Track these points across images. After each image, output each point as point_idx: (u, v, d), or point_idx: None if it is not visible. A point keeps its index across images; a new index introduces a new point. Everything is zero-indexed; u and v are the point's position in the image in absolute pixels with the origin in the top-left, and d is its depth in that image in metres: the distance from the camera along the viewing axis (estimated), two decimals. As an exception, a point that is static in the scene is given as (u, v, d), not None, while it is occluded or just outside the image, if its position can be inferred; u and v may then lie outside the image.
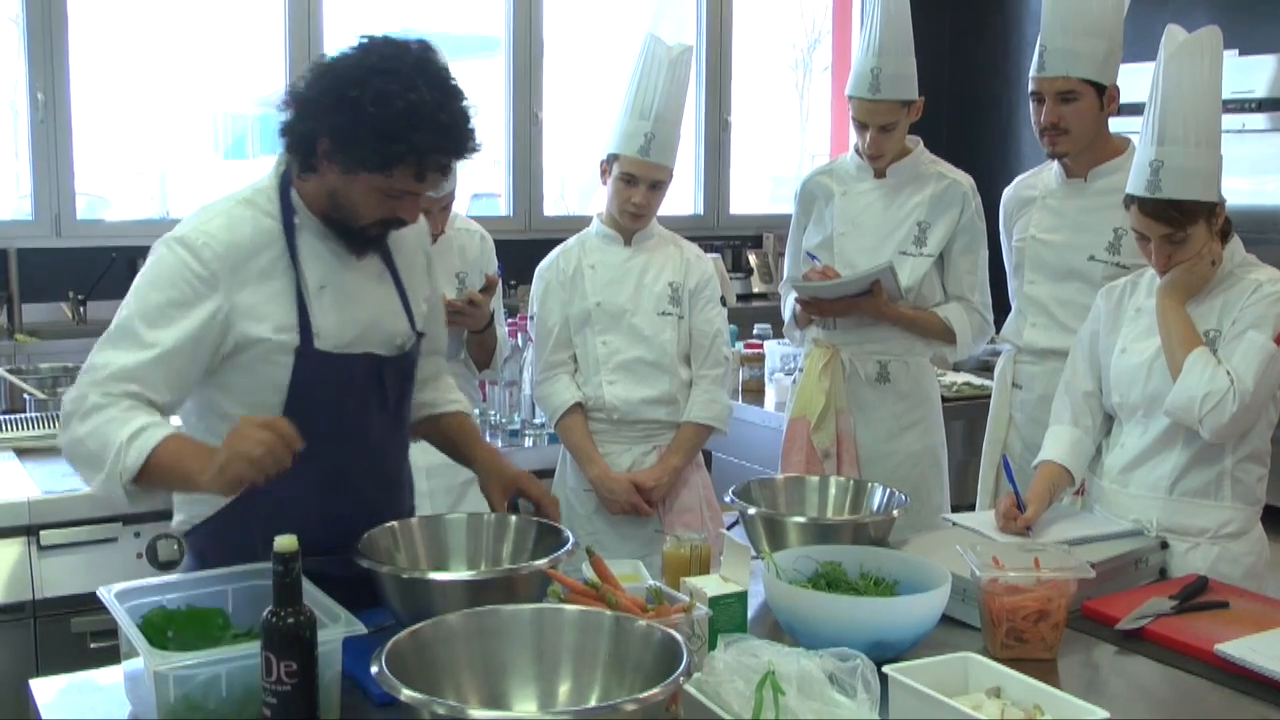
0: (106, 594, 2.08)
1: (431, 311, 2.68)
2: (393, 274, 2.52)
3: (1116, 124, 3.50)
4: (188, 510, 2.47)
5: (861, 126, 3.62)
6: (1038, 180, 3.63)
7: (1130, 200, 2.80)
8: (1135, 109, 2.90)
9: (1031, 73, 3.44)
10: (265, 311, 2.32)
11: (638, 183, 3.38)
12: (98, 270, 5.84)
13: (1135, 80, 3.47)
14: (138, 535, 3.13)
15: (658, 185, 3.42)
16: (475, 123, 2.33)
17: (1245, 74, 6.25)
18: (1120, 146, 3.45)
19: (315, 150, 2.29)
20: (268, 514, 2.19)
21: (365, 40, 2.31)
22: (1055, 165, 3.54)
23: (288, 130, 2.34)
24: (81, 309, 5.85)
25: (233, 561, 2.20)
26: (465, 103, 2.30)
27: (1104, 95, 3.39)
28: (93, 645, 2.99)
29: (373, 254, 2.45)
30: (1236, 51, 6.16)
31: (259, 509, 2.27)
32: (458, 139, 2.28)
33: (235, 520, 2.37)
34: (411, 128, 2.20)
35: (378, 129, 2.20)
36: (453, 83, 2.30)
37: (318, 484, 2.35)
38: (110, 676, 2.16)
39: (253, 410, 2.27)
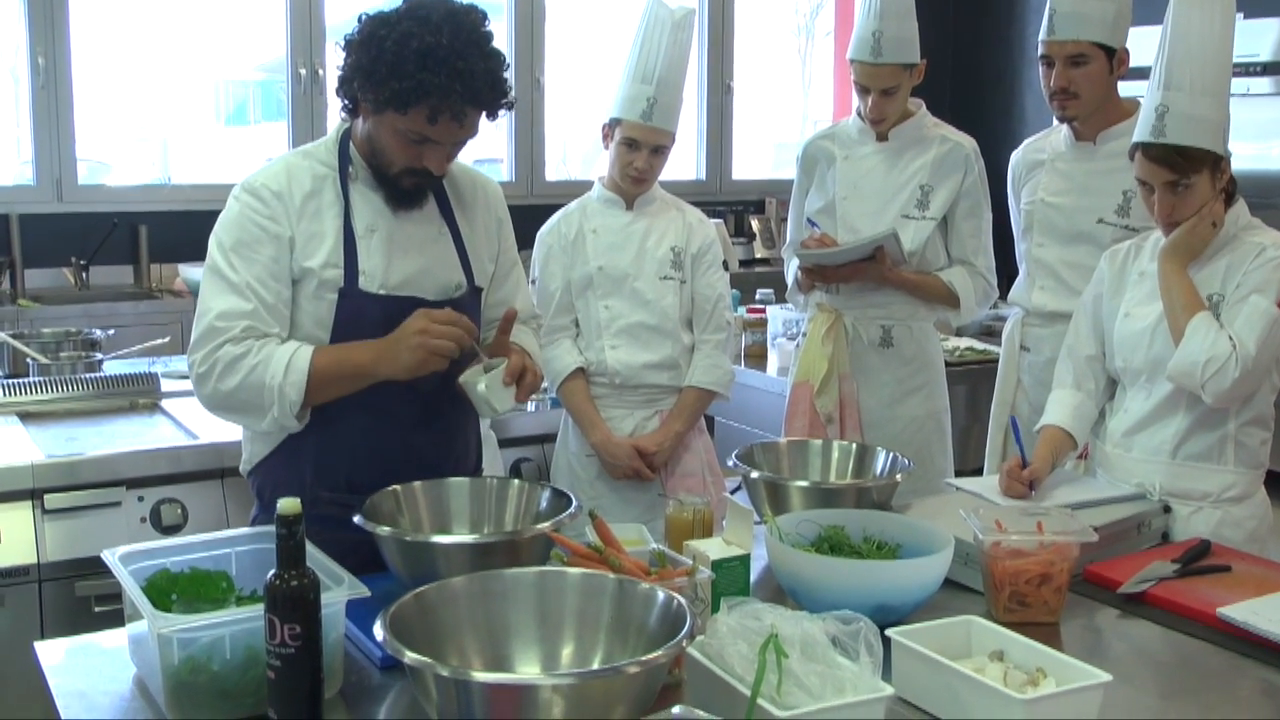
0: (111, 557, 2.09)
1: (505, 275, 2.78)
2: (452, 227, 2.63)
3: (1125, 88, 3.48)
4: (249, 450, 2.62)
5: (863, 90, 3.60)
6: (1046, 143, 3.61)
7: (1136, 148, 2.79)
8: (1144, 73, 2.89)
9: (1041, 36, 3.42)
10: (316, 247, 2.47)
11: (640, 147, 3.37)
12: (99, 236, 5.84)
13: (1144, 43, 3.45)
14: (141, 499, 3.14)
15: (660, 150, 3.40)
16: (503, 81, 2.43)
17: (1250, 38, 6.22)
18: (1129, 109, 3.42)
19: (354, 90, 2.43)
20: (316, 452, 2.51)
21: None
22: (1064, 128, 3.53)
23: (340, 76, 2.47)
24: (84, 274, 5.86)
25: (287, 496, 2.30)
26: (493, 59, 2.40)
27: (1113, 58, 3.38)
28: (97, 609, 2.99)
29: (417, 208, 2.57)
30: (1242, 15, 6.10)
31: (308, 448, 2.51)
32: (471, 87, 2.35)
33: (287, 459, 2.54)
34: (423, 68, 2.31)
35: (392, 66, 2.32)
36: (481, 36, 2.40)
37: (360, 424, 2.51)
38: (115, 639, 2.17)
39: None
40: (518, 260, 2.85)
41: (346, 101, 2.49)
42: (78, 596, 3.02)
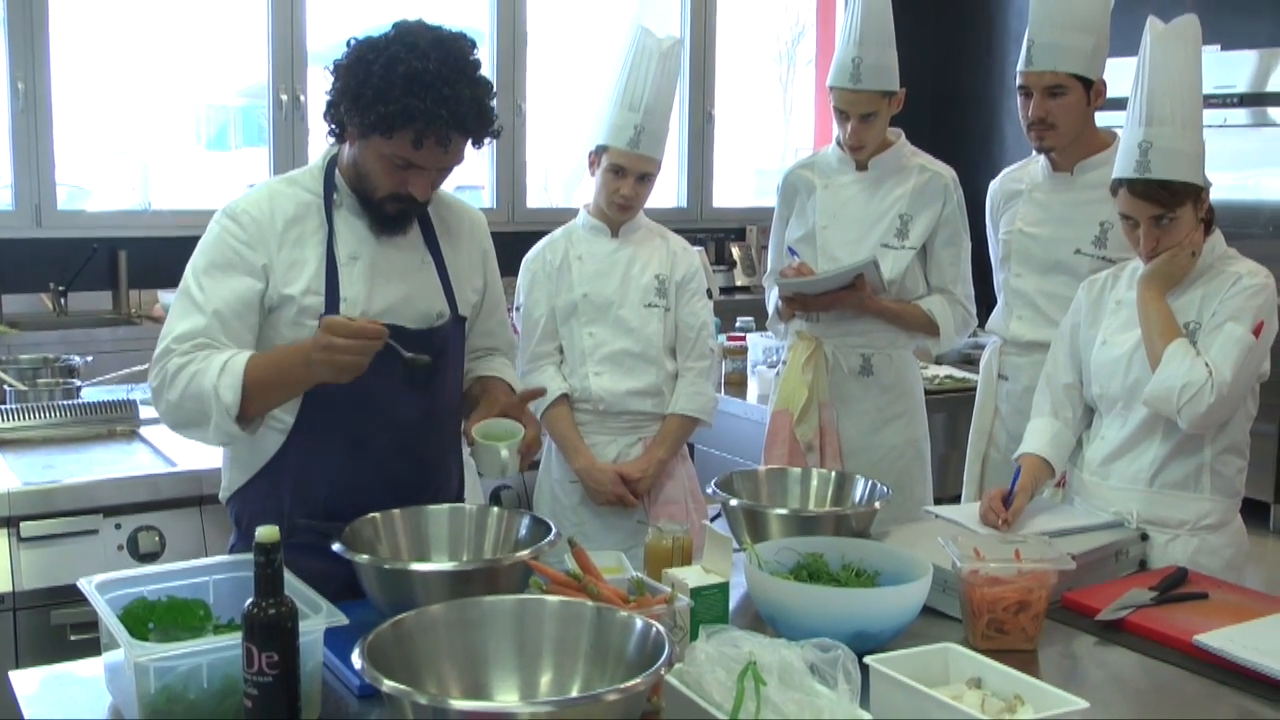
0: (87, 585, 2.08)
1: (488, 307, 2.79)
2: (436, 257, 2.62)
3: (1103, 118, 3.51)
4: (227, 477, 2.61)
5: (843, 117, 3.62)
6: (1024, 173, 3.63)
7: (1119, 184, 2.81)
8: (1121, 104, 2.92)
9: (1019, 67, 3.45)
10: (297, 274, 2.47)
11: (626, 174, 3.38)
12: (78, 261, 5.82)
13: (1121, 75, 3.47)
14: (119, 527, 3.12)
15: (646, 177, 3.41)
16: (490, 109, 2.45)
17: (1227, 69, 6.29)
18: (1106, 140, 3.46)
19: (341, 114, 2.43)
20: (294, 481, 2.50)
21: (402, 20, 2.44)
22: (1042, 159, 3.55)
23: (327, 101, 2.47)
24: (62, 300, 5.84)
25: (264, 524, 2.25)
26: (480, 86, 2.42)
27: (1091, 90, 3.40)
28: (73, 637, 2.97)
29: (400, 234, 2.56)
30: (1219, 46, 6.20)
31: (287, 475, 2.50)
32: (457, 113, 2.36)
33: (266, 486, 2.53)
34: (409, 92, 2.31)
35: (378, 90, 2.33)
36: (468, 64, 2.41)
37: (339, 452, 2.50)
38: (91, 668, 2.15)
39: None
40: (502, 292, 2.86)
41: (333, 126, 2.49)
42: (53, 625, 3.00)
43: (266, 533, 1.78)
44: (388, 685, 1.68)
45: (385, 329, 2.31)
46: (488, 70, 6.66)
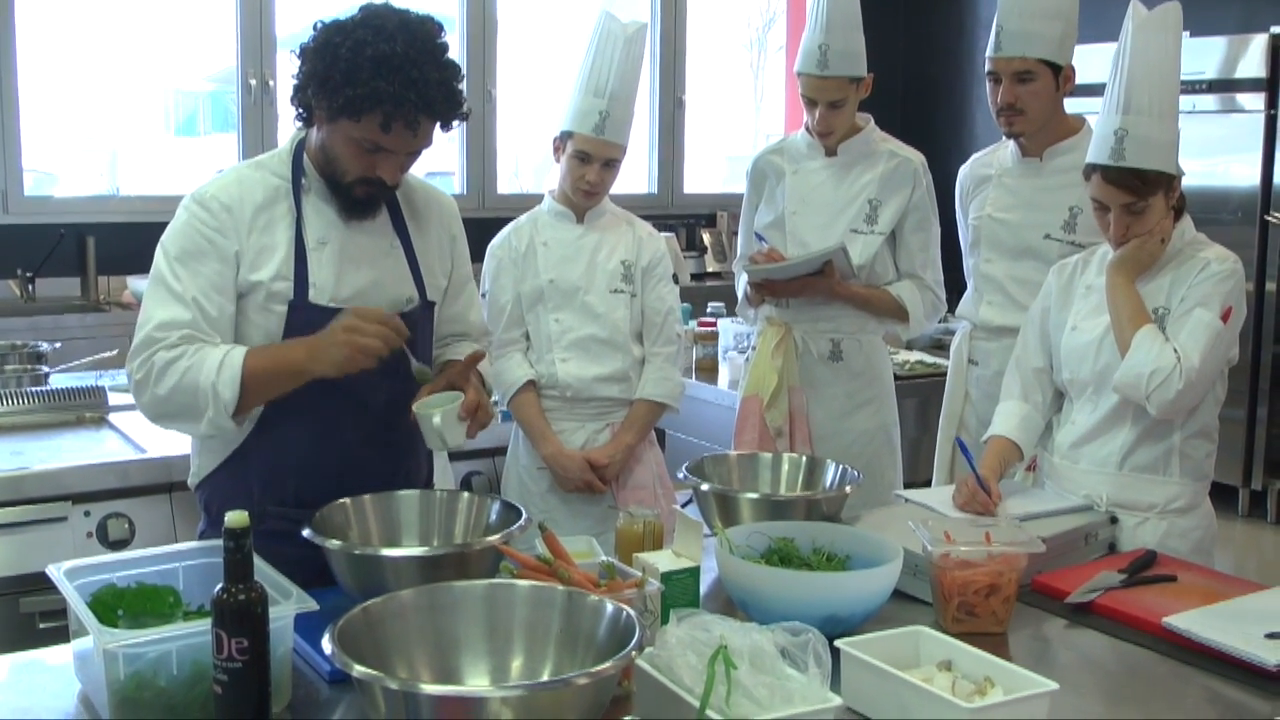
0: (56, 572, 2.07)
1: (458, 292, 2.79)
2: (405, 241, 2.62)
3: (1071, 104, 3.52)
4: (196, 463, 2.61)
5: (810, 103, 3.62)
6: (994, 159, 3.64)
7: (1092, 169, 2.82)
8: (1090, 89, 2.92)
9: (988, 53, 3.46)
10: (267, 260, 2.46)
11: (591, 160, 3.37)
12: (46, 247, 5.78)
13: (1090, 61, 3.48)
14: (88, 514, 3.10)
15: (611, 163, 3.41)
16: (458, 91, 2.44)
17: (1196, 55, 6.32)
18: (1075, 126, 3.47)
19: (309, 98, 2.42)
20: (264, 466, 2.50)
21: (369, 4, 2.43)
22: (1011, 144, 3.56)
23: (294, 85, 2.46)
24: (30, 286, 5.80)
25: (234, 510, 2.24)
26: (448, 69, 2.41)
27: (1060, 75, 3.41)
28: (42, 625, 2.95)
29: (369, 219, 2.55)
30: (1188, 33, 6.20)
31: (256, 462, 2.51)
32: (425, 95, 2.35)
33: (235, 472, 2.53)
34: (377, 75, 2.31)
35: (346, 73, 2.32)
36: (435, 46, 2.40)
37: (309, 437, 2.50)
38: (60, 656, 2.14)
39: None
40: (471, 277, 2.85)
41: (301, 110, 2.48)
42: (22, 613, 2.98)
43: (236, 518, 1.78)
44: (358, 671, 1.68)
45: (404, 328, 2.38)
46: (458, 56, 6.68)
